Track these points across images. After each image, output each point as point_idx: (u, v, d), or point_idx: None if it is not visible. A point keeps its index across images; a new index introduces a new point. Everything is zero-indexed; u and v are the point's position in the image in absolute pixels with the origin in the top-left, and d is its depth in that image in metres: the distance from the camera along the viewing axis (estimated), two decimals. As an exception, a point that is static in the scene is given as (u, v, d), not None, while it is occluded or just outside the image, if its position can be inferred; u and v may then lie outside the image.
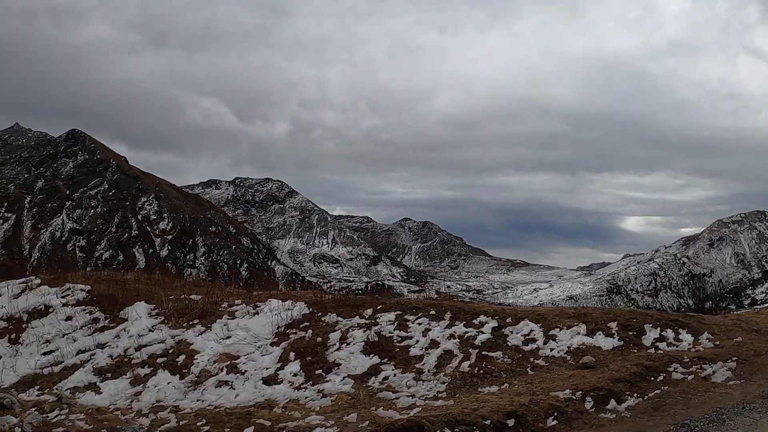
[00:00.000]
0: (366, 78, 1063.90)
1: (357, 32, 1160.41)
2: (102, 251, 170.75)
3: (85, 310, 17.29)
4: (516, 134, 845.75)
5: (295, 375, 13.66)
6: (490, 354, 14.15)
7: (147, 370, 14.10)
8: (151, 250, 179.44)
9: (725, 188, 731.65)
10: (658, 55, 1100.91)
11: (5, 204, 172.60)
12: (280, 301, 17.11)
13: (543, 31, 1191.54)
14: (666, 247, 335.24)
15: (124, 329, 16.05)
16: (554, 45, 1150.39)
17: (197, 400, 12.63)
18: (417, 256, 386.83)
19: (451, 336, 14.97)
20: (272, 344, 15.08)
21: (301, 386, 13.23)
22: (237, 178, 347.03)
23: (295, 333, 15.51)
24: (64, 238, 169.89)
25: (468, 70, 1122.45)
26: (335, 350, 14.65)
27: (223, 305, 17.50)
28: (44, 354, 15.34)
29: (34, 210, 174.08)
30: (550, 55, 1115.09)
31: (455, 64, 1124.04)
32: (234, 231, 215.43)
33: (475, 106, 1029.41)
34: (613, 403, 11.21)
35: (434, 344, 14.63)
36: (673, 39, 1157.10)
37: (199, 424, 10.57)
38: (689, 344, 14.99)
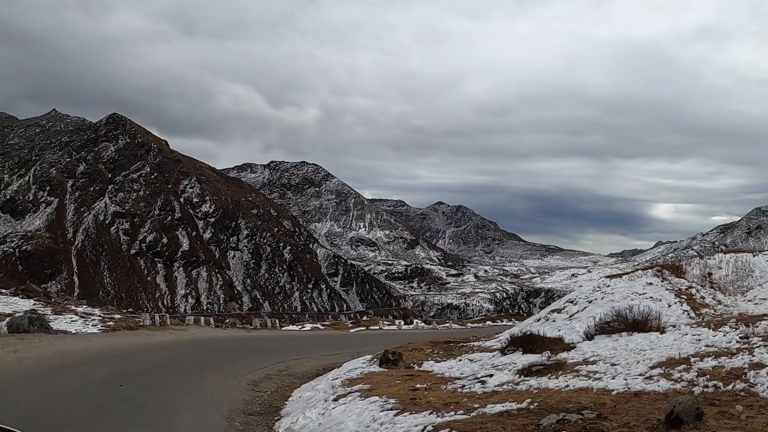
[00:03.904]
0: (396, 64, 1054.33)
1: (386, 18, 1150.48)
2: (146, 234, 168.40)
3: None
4: (546, 120, 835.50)
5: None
6: None
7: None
8: (194, 233, 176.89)
9: (757, 176, 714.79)
10: (687, 41, 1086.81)
11: (48, 188, 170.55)
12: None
13: (571, 16, 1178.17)
14: (703, 235, 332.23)
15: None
16: (583, 31, 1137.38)
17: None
18: (451, 240, 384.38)
19: None
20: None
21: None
22: (272, 162, 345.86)
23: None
24: (107, 222, 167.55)
25: (498, 56, 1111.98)
26: None
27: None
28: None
29: (77, 194, 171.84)
30: (579, 41, 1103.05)
31: (485, 50, 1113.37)
32: (275, 214, 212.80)
33: (506, 92, 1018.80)
34: None
35: None
36: (701, 24, 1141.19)
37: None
38: None
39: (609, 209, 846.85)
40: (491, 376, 12.37)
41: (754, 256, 27.73)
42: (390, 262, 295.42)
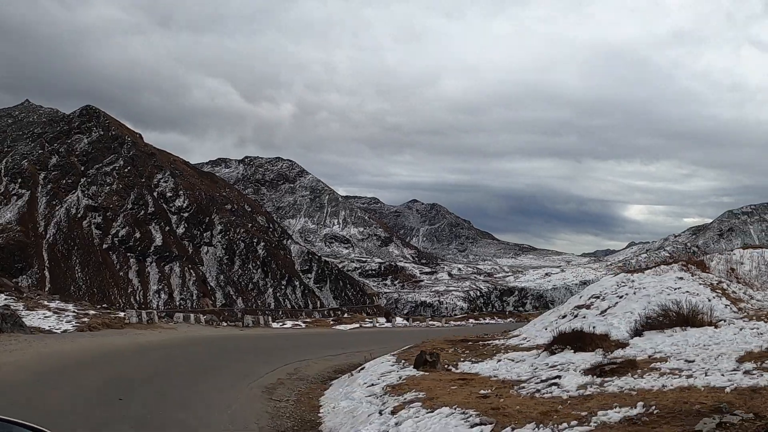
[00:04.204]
0: (373, 61, 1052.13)
1: (363, 15, 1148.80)
2: (118, 228, 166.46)
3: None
4: (522, 120, 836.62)
5: None
6: None
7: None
8: (167, 228, 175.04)
9: (729, 180, 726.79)
10: (662, 45, 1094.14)
11: (19, 180, 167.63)
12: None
13: (548, 18, 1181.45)
14: (675, 236, 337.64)
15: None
16: (559, 32, 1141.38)
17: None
18: (425, 238, 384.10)
19: None
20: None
21: None
22: (247, 157, 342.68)
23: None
24: (79, 215, 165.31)
25: (475, 55, 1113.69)
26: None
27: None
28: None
29: (49, 186, 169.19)
30: (556, 43, 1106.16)
31: (462, 49, 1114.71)
32: (250, 209, 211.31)
33: (481, 92, 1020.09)
34: None
35: None
36: (676, 29, 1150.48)
37: None
38: None
39: (582, 210, 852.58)
40: (559, 377, 11.55)
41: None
42: (364, 259, 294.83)
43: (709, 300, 20.53)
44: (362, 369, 18.15)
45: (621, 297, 23.05)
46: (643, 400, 8.57)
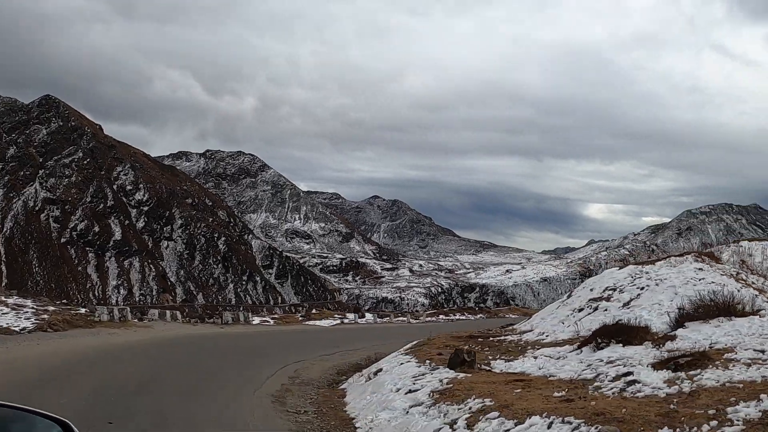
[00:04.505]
0: (336, 56, 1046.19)
1: (328, 10, 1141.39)
2: (77, 222, 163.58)
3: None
4: (484, 118, 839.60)
5: None
6: None
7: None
8: (127, 222, 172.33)
9: (688, 180, 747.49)
10: (625, 47, 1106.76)
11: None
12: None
13: (513, 18, 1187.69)
14: (635, 234, 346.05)
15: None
16: (523, 33, 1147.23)
17: None
18: (386, 234, 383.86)
19: None
20: None
21: None
22: (208, 151, 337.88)
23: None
24: (37, 208, 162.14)
25: (438, 53, 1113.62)
26: None
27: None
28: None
29: (6, 178, 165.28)
30: (519, 43, 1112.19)
31: (425, 46, 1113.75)
32: (210, 203, 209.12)
33: (444, 89, 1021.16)
34: None
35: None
36: (639, 32, 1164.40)
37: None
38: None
39: (543, 207, 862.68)
40: (630, 373, 10.87)
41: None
42: (325, 255, 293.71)
43: (738, 290, 20.15)
44: (380, 371, 17.06)
45: (642, 289, 22.67)
46: (764, 392, 8.17)
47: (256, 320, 51.36)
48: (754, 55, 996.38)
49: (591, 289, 25.74)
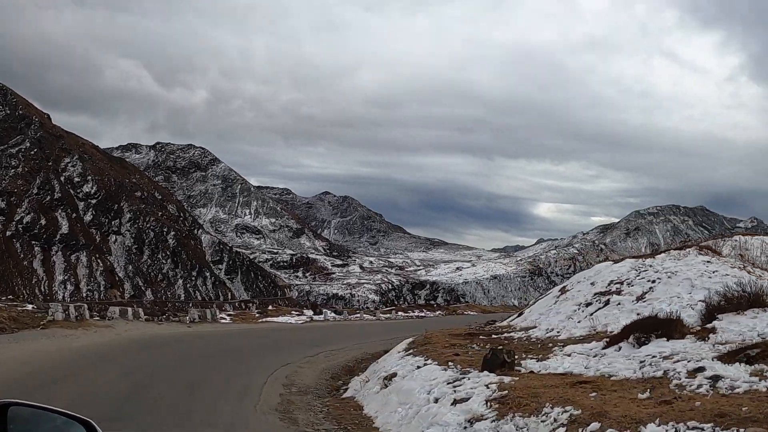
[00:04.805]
0: (290, 50, 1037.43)
1: (283, 3, 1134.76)
2: (23, 214, 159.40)
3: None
4: (436, 116, 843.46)
5: None
6: None
7: None
8: (74, 215, 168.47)
9: (635, 182, 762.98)
10: (577, 50, 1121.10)
11: None
12: None
13: (467, 18, 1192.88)
14: (584, 234, 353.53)
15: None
16: (477, 33, 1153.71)
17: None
18: (336, 230, 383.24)
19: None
20: None
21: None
22: (158, 143, 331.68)
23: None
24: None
25: (392, 50, 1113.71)
26: None
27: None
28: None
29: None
30: (472, 42, 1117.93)
31: (380, 43, 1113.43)
32: (160, 197, 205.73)
33: (397, 87, 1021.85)
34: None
35: None
36: (591, 36, 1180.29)
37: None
38: None
39: (493, 206, 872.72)
40: (703, 369, 10.19)
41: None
42: (275, 250, 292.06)
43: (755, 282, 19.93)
44: (394, 376, 15.61)
45: (653, 282, 22.04)
46: None
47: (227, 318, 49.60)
48: (703, 62, 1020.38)
49: (592, 283, 24.99)
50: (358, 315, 61.69)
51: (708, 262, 23.60)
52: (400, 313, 67.48)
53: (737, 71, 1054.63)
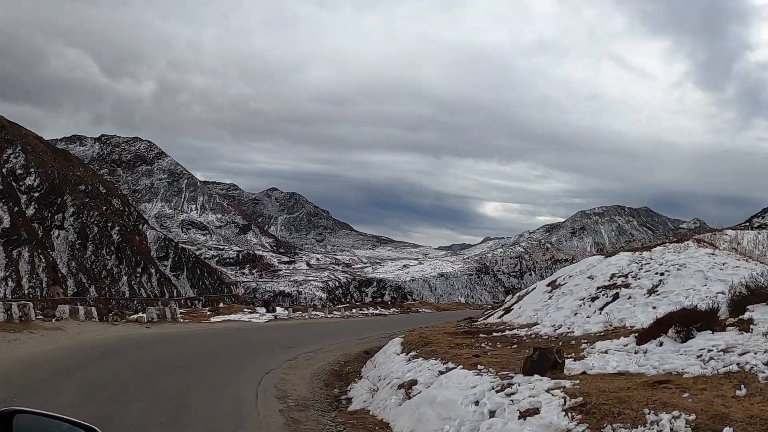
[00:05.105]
0: (240, 44, 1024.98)
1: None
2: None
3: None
4: (386, 114, 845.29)
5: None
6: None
7: None
8: (16, 208, 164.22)
9: (581, 183, 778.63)
10: (526, 52, 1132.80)
11: None
12: None
13: (419, 17, 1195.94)
14: (530, 233, 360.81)
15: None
16: (429, 32, 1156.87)
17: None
18: (283, 227, 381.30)
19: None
20: None
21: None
22: (104, 135, 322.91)
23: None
24: None
25: (344, 46, 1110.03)
26: None
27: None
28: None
29: None
30: (424, 42, 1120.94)
31: (331, 39, 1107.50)
32: (105, 191, 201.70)
33: (347, 84, 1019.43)
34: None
35: None
36: (541, 38, 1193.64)
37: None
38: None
39: (440, 204, 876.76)
40: None
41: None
42: (222, 246, 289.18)
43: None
44: (414, 383, 13.73)
45: (662, 275, 21.70)
46: None
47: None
48: (651, 68, 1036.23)
49: (589, 277, 24.51)
50: (322, 313, 60.41)
51: (711, 254, 23.60)
52: (354, 310, 66.77)
53: (683, 77, 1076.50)
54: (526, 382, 11.23)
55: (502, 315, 27.59)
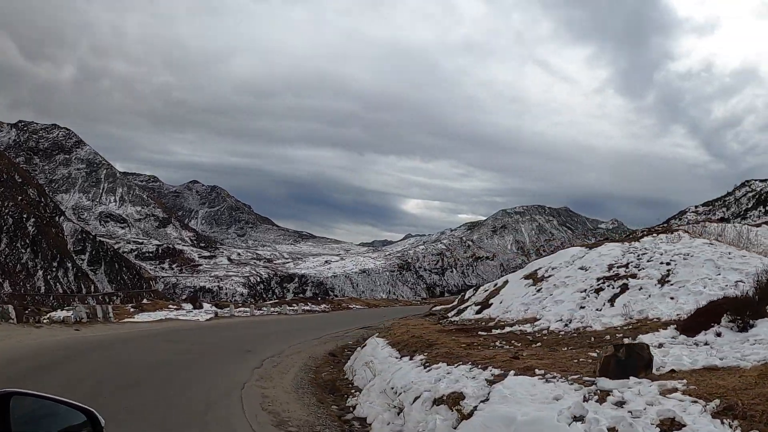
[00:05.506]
0: (164, 31, 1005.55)
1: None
2: None
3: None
4: (310, 109, 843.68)
5: None
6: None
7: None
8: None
9: (502, 182, 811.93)
10: (452, 52, 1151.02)
11: None
12: None
13: (346, 11, 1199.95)
14: (452, 230, 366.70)
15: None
16: (356, 28, 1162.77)
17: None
18: (204, 221, 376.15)
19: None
20: None
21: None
22: (21, 121, 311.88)
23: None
24: None
25: (270, 39, 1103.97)
26: None
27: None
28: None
29: None
30: (351, 37, 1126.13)
31: (258, 31, 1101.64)
32: (20, 180, 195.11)
33: (272, 76, 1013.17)
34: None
35: None
36: (467, 39, 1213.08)
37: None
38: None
39: (362, 200, 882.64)
40: None
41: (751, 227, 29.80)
42: (141, 240, 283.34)
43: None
44: (463, 399, 10.22)
45: (668, 264, 21.18)
46: None
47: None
48: (573, 74, 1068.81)
49: (581, 268, 23.75)
50: (263, 310, 58.58)
51: (710, 244, 23.39)
52: (284, 306, 65.51)
53: (605, 84, 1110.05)
54: (623, 386, 9.18)
55: (480, 310, 26.07)
